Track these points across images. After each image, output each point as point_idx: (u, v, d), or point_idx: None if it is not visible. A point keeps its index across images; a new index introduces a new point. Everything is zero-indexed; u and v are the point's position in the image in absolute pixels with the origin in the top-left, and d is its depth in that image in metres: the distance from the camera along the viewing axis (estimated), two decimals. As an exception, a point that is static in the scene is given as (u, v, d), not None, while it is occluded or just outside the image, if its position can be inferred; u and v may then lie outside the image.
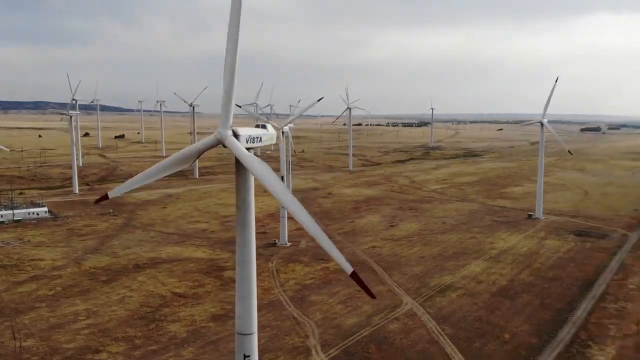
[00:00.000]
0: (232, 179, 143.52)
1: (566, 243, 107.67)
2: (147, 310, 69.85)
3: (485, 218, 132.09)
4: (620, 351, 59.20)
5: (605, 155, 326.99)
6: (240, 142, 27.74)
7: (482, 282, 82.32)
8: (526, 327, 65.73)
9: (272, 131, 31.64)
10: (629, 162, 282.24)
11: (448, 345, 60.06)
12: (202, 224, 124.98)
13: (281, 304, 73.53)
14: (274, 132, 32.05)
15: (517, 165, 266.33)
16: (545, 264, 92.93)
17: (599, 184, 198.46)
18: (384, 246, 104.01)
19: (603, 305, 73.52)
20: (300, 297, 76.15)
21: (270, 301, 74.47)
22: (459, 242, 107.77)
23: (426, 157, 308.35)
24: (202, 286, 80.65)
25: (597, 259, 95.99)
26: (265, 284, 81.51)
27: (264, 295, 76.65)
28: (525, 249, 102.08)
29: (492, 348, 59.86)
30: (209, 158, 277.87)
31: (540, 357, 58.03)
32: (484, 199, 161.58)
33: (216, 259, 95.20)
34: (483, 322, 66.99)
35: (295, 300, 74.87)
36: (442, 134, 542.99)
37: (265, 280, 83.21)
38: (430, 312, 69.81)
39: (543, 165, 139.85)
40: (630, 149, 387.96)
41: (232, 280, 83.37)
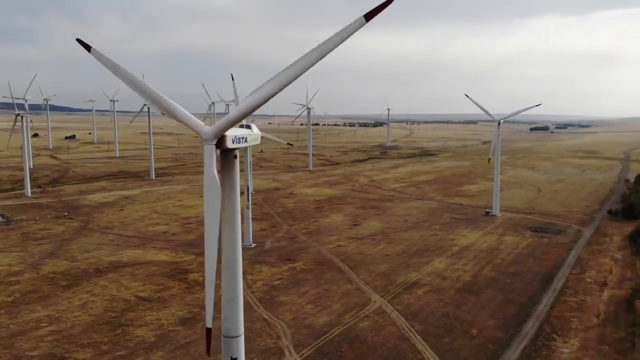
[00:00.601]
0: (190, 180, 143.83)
1: (524, 239, 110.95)
2: (111, 315, 67.91)
3: (445, 215, 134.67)
4: (583, 343, 61.42)
5: (554, 154, 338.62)
6: (226, 142, 27.23)
7: (446, 279, 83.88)
8: (492, 322, 67.36)
9: (257, 131, 31.33)
10: (577, 160, 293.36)
11: (418, 341, 60.91)
12: (162, 227, 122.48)
13: (250, 305, 72.79)
14: (258, 133, 31.76)
15: (471, 164, 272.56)
16: (506, 259, 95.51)
17: (551, 181, 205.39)
18: (349, 245, 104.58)
19: (564, 299, 76.13)
20: (269, 298, 75.65)
21: (239, 303, 73.59)
22: (422, 239, 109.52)
23: (384, 156, 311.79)
24: (167, 290, 79.03)
25: (554, 254, 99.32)
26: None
27: (232, 297, 75.75)
28: (485, 245, 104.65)
29: (461, 343, 61.07)
30: (164, 159, 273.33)
31: (508, 350, 59.58)
32: (442, 197, 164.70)
33: (179, 262, 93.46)
34: (450, 318, 68.27)
35: (264, 301, 74.32)
36: (397, 134, 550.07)
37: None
38: (398, 309, 70.64)
39: (499, 163, 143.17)
40: (576, 148, 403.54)
41: (197, 283, 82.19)
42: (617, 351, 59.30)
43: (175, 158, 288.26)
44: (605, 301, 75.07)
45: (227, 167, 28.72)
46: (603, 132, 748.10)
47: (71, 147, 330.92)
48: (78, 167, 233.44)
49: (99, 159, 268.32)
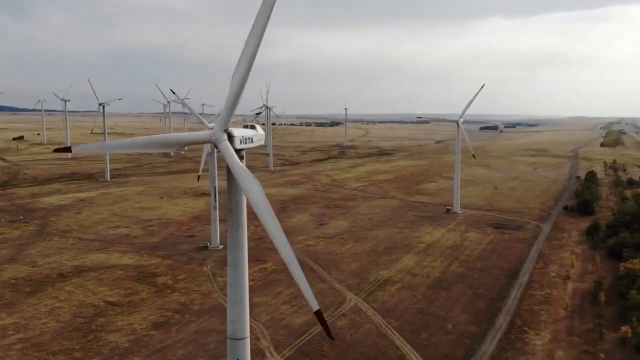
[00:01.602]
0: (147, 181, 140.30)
1: (486, 235, 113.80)
2: (81, 321, 65.70)
3: (408, 214, 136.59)
4: (554, 335, 63.56)
5: (505, 152, 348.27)
6: (235, 143, 26.85)
7: (417, 275, 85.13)
8: (465, 317, 68.81)
9: (261, 132, 30.97)
10: (528, 158, 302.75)
11: (397, 338, 61.60)
12: (123, 229, 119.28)
13: (224, 308, 71.60)
14: (262, 133, 31.42)
15: (427, 162, 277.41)
16: (471, 255, 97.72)
17: (505, 179, 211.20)
18: (318, 244, 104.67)
19: (531, 292, 78.53)
20: (242, 299, 74.76)
21: (213, 306, 72.63)
22: (388, 237, 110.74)
23: (342, 156, 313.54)
24: (136, 294, 77.06)
25: (517, 250, 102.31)
26: (204, 289, 79.40)
27: (205, 300, 74.72)
28: (450, 242, 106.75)
29: (438, 338, 62.12)
30: (119, 159, 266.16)
31: (483, 344, 61.00)
32: (403, 196, 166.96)
33: (145, 265, 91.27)
34: (425, 314, 69.35)
35: (238, 302, 73.41)
36: (353, 134, 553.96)
37: (203, 285, 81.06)
38: (374, 306, 71.23)
39: (460, 162, 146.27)
40: (526, 146, 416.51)
41: (167, 286, 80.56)
42: (586, 342, 61.63)
43: (129, 159, 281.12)
44: (570, 294, 77.90)
45: (235, 171, 28.25)
46: (550, 131, 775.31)
47: (20, 149, 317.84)
48: (29, 169, 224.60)
49: (50, 161, 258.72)
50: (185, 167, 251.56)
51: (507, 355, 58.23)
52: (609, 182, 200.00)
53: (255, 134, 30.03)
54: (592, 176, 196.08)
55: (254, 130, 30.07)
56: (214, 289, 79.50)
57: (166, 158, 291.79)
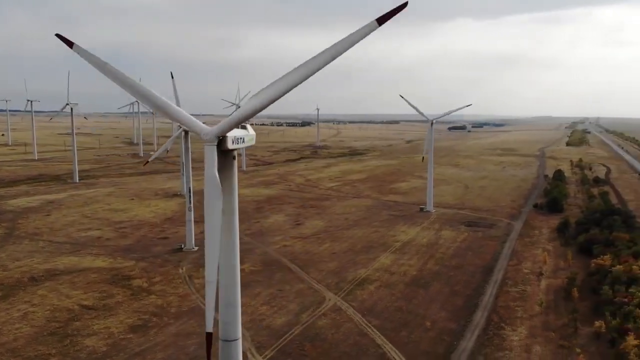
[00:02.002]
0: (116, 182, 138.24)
1: (460, 233, 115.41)
2: (56, 326, 64.18)
3: (382, 213, 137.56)
4: (530, 330, 64.85)
5: (474, 152, 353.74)
6: (227, 143, 26.61)
7: (394, 274, 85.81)
8: (443, 314, 69.66)
9: (252, 132, 30.76)
10: (496, 158, 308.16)
11: (377, 336, 61.97)
12: (95, 232, 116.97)
13: (202, 310, 70.99)
14: (253, 133, 31.21)
15: (399, 162, 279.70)
16: (446, 253, 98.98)
17: (475, 178, 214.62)
18: (295, 244, 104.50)
19: (506, 289, 79.96)
20: (220, 300, 74.08)
21: (190, 308, 71.80)
22: (364, 236, 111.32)
23: (315, 156, 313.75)
24: (111, 297, 75.66)
25: (490, 247, 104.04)
26: (181, 291, 78.42)
27: (182, 302, 73.82)
28: (425, 240, 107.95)
29: (418, 335, 62.75)
30: (87, 161, 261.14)
31: (462, 341, 61.85)
32: (377, 195, 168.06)
33: (119, 268, 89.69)
34: (404, 312, 69.95)
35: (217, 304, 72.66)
36: (325, 134, 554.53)
37: (179, 287, 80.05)
38: (353, 305, 71.51)
39: (432, 161, 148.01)
40: (493, 145, 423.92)
41: (142, 289, 79.30)
42: (562, 337, 63.06)
43: (97, 160, 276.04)
44: (544, 290, 79.61)
45: (226, 168, 28.01)
46: (517, 130, 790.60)
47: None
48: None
49: (16, 162, 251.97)
50: (154, 167, 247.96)
51: (486, 351, 59.17)
52: (576, 180, 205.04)
53: (247, 134, 29.86)
54: (560, 175, 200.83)
55: (245, 130, 29.85)
56: (190, 291, 78.59)
57: (135, 159, 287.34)
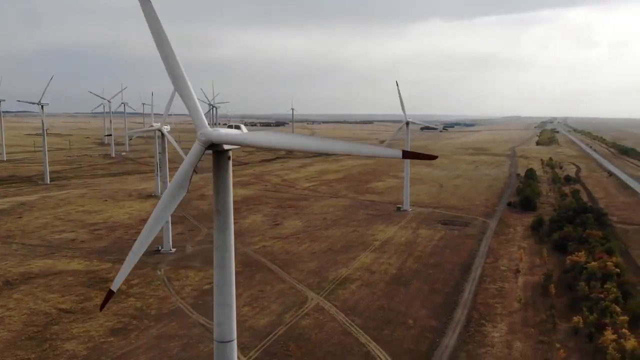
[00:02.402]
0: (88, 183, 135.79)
1: (437, 232, 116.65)
2: (34, 330, 62.79)
3: (360, 212, 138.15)
4: (510, 327, 65.96)
5: (447, 151, 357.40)
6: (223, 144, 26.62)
7: (375, 272, 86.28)
8: (424, 312, 70.34)
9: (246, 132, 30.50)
10: (469, 157, 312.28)
11: (361, 335, 62.24)
12: (69, 234, 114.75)
13: (183, 312, 70.48)
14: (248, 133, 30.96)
15: (374, 162, 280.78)
16: (424, 251, 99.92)
17: (449, 177, 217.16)
18: (274, 245, 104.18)
19: (484, 286, 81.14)
20: (201, 303, 73.48)
21: (171, 310, 71.00)
22: (343, 236, 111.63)
23: (290, 156, 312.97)
24: (89, 300, 74.35)
25: (467, 245, 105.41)
26: (160, 293, 77.48)
27: (162, 304, 72.96)
28: (403, 239, 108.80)
29: (401, 334, 63.22)
30: (58, 162, 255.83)
31: (445, 338, 62.55)
32: (353, 195, 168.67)
33: (96, 270, 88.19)
34: (386, 310, 70.40)
35: (197, 306, 72.16)
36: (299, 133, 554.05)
37: (158, 289, 79.08)
38: (336, 304, 71.67)
39: (409, 161, 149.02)
40: (465, 145, 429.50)
41: (121, 292, 77.90)
42: (541, 332, 64.31)
43: (68, 161, 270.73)
44: (522, 287, 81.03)
45: (222, 168, 27.90)
46: (487, 130, 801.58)
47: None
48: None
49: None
50: (127, 168, 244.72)
51: (467, 348, 59.97)
52: (547, 179, 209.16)
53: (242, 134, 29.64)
54: (532, 173, 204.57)
55: (240, 130, 29.66)
56: (170, 293, 77.71)
57: (107, 160, 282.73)
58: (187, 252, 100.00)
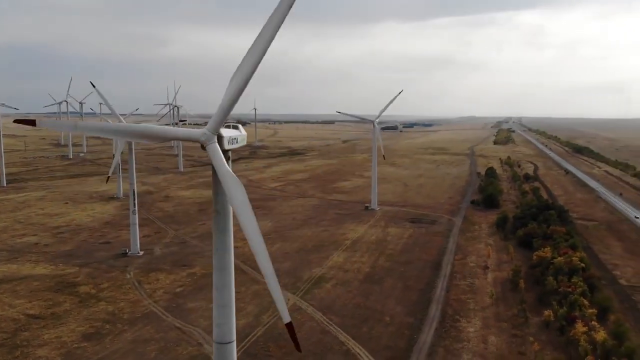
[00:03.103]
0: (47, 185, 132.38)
1: (405, 230, 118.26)
2: (3, 337, 60.68)
3: (329, 212, 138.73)
4: (484, 322, 67.50)
5: (408, 151, 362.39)
6: (224, 144, 26.38)
7: (348, 271, 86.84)
8: (400, 309, 71.27)
9: (244, 132, 30.40)
10: (430, 156, 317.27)
11: (340, 333, 62.61)
12: (31, 237, 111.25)
13: (157, 315, 69.31)
14: (245, 133, 30.85)
15: (338, 161, 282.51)
16: (395, 249, 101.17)
17: (413, 176, 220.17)
18: (245, 246, 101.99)
19: (455, 283, 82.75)
20: (175, 306, 72.50)
21: (144, 314, 69.71)
22: (314, 235, 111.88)
23: (254, 156, 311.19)
24: (58, 305, 72.28)
25: (436, 242, 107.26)
26: (132, 297, 75.97)
27: (135, 308, 71.56)
28: (374, 238, 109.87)
29: (379, 331, 63.88)
30: (13, 163, 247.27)
31: (422, 334, 63.52)
32: (321, 194, 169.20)
33: (63, 275, 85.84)
34: (362, 308, 70.99)
35: (171, 309, 71.12)
36: (262, 133, 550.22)
37: (129, 293, 77.52)
38: (313, 304, 71.84)
39: (376, 161, 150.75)
40: (425, 145, 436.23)
41: (91, 296, 76.31)
42: (514, 327, 66.07)
43: (24, 162, 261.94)
44: (491, 282, 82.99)
45: (221, 173, 27.66)
46: (445, 130, 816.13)
47: None
48: None
49: None
50: (86, 170, 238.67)
51: (445, 344, 61.08)
52: (507, 177, 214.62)
53: (239, 134, 29.55)
54: (492, 172, 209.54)
55: (238, 130, 29.49)
56: (142, 296, 76.27)
57: (65, 161, 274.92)
58: (156, 255, 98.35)
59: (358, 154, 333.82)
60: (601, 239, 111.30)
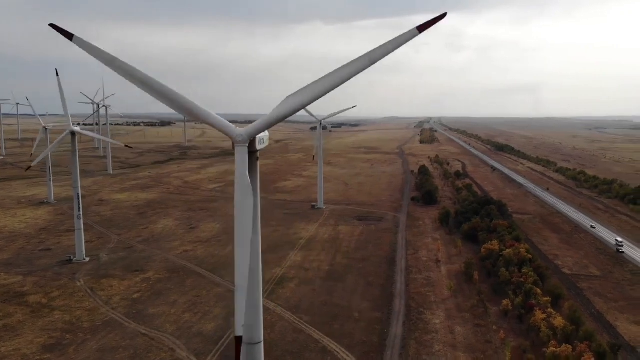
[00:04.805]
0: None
1: (355, 227, 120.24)
2: (-45, 355, 56.34)
3: (277, 212, 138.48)
4: (447, 313, 70.12)
5: (340, 151, 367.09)
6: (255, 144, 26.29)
7: (309, 270, 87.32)
8: (366, 305, 72.62)
9: (267, 133, 30.13)
10: (363, 156, 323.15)
11: (313, 331, 63.04)
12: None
13: (118, 322, 66.80)
14: (268, 134, 30.63)
15: (274, 162, 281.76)
16: (350, 247, 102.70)
17: (351, 175, 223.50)
18: (197, 249, 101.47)
19: (413, 277, 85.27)
20: (136, 312, 70.13)
21: (104, 321, 66.99)
22: (267, 236, 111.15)
23: (185, 157, 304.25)
24: (9, 316, 68.13)
25: (386, 239, 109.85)
26: (87, 305, 72.71)
27: (93, 316, 68.63)
28: (327, 236, 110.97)
29: (350, 327, 64.86)
30: None
31: (392, 328, 65.12)
32: (264, 195, 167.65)
33: (7, 284, 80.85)
34: (330, 305, 71.75)
35: (132, 316, 68.76)
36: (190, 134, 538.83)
37: (84, 301, 74.14)
38: (280, 304, 71.75)
39: (322, 160, 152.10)
40: (357, 144, 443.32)
41: (43, 305, 72.48)
42: (475, 317, 69.07)
43: None
44: (446, 275, 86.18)
45: (252, 169, 27.48)
46: (372, 130, 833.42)
47: None
48: None
49: None
50: (9, 174, 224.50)
51: (415, 336, 62.98)
52: (439, 174, 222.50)
53: (266, 134, 29.35)
54: (425, 170, 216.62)
55: (264, 132, 29.20)
56: (98, 304, 73.17)
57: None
58: (103, 261, 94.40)
59: (292, 153, 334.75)
60: (538, 231, 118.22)
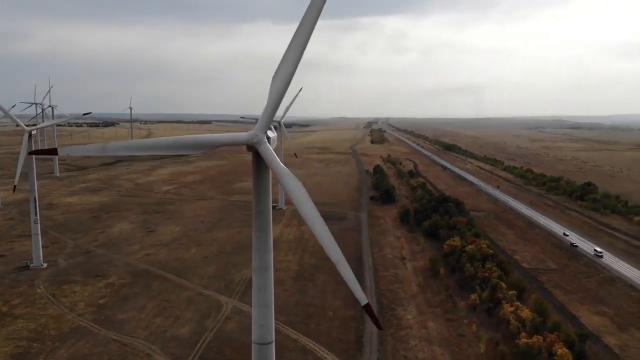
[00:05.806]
0: None
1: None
2: None
3: (237, 213, 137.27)
4: (418, 309, 71.69)
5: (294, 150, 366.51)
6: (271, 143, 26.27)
7: (278, 270, 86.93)
8: (339, 303, 73.24)
9: (275, 133, 30.12)
10: (316, 156, 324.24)
11: (290, 331, 63.14)
12: None
13: (87, 329, 64.80)
14: (276, 134, 30.57)
15: (228, 162, 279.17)
16: (316, 246, 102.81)
17: (307, 175, 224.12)
18: (159, 252, 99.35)
19: (381, 274, 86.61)
20: (104, 318, 68.18)
21: (72, 328, 64.86)
22: (230, 237, 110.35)
23: (133, 158, 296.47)
24: (-33, 328, 64.75)
25: (350, 238, 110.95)
26: (51, 312, 70.15)
27: (59, 323, 66.36)
28: (292, 236, 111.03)
29: (327, 325, 65.35)
30: None
31: (366, 325, 65.95)
32: (222, 196, 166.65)
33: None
34: (303, 305, 72.00)
35: (101, 322, 66.83)
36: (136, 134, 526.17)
37: (47, 308, 71.50)
38: (253, 306, 71.27)
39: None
40: (310, 144, 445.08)
41: (3, 314, 69.75)
42: (445, 311, 70.92)
43: None
44: (412, 272, 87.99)
45: (263, 170, 27.48)
46: (323, 130, 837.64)
47: None
48: None
49: None
50: None
51: (390, 332, 64.11)
52: (393, 174, 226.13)
53: (274, 134, 29.35)
54: (380, 170, 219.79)
55: (272, 131, 29.22)
56: (63, 311, 70.69)
57: None
58: (62, 267, 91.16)
59: (245, 154, 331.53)
60: (494, 227, 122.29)
